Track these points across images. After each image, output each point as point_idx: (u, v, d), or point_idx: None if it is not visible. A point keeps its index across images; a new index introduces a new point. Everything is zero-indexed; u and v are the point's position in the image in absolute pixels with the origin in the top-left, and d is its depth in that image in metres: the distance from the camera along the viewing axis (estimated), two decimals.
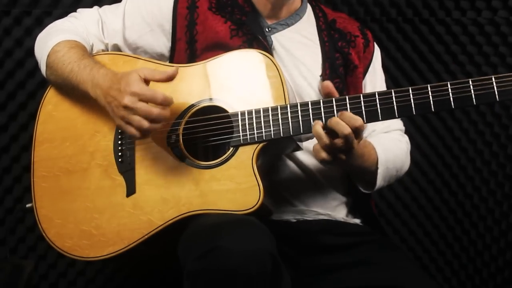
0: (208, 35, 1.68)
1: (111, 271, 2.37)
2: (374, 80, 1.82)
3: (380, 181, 1.66)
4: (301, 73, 1.71)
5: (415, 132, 2.50)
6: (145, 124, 1.46)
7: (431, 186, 2.55)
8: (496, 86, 1.43)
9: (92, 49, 1.74)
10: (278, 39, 1.73)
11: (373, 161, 1.64)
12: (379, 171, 1.65)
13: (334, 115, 1.48)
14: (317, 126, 1.47)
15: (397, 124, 1.82)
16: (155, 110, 1.46)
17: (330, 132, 1.46)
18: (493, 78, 1.44)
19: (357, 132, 1.45)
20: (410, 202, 2.55)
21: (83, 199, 1.61)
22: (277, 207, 1.65)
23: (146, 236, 1.54)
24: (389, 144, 1.72)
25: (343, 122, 1.44)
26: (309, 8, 1.83)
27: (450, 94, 1.45)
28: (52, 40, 1.69)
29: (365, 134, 1.75)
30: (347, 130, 1.43)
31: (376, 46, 1.86)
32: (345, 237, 1.67)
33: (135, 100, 1.45)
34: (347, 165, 1.59)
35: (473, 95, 1.44)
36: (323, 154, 1.47)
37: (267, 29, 1.73)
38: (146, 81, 1.49)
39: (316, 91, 1.70)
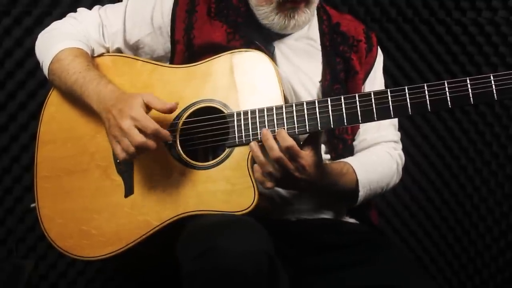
0: (205, 40, 1.67)
1: (111, 271, 2.37)
2: (373, 86, 1.76)
3: (361, 200, 1.65)
4: (301, 81, 1.69)
5: (415, 132, 2.50)
6: (132, 149, 1.48)
7: (431, 186, 2.55)
8: (495, 85, 1.39)
9: (93, 53, 1.74)
10: (279, 46, 1.71)
11: (352, 184, 1.63)
12: (360, 193, 1.63)
13: (329, 115, 1.46)
14: (254, 145, 1.47)
15: (390, 135, 1.77)
16: (140, 139, 1.47)
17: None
18: (491, 77, 1.40)
19: (289, 153, 1.42)
20: (410, 202, 2.55)
21: (84, 199, 1.62)
22: (277, 206, 1.65)
23: (143, 236, 1.54)
24: (374, 163, 1.68)
25: (273, 140, 1.43)
26: None
27: (447, 93, 1.42)
28: (56, 46, 1.69)
29: (356, 142, 1.74)
30: (276, 152, 1.42)
31: (379, 52, 1.82)
32: (344, 236, 1.67)
33: (131, 125, 1.47)
34: (318, 192, 1.61)
35: (470, 94, 1.41)
36: (268, 183, 1.46)
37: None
38: (148, 107, 1.51)
39: (315, 98, 1.67)
